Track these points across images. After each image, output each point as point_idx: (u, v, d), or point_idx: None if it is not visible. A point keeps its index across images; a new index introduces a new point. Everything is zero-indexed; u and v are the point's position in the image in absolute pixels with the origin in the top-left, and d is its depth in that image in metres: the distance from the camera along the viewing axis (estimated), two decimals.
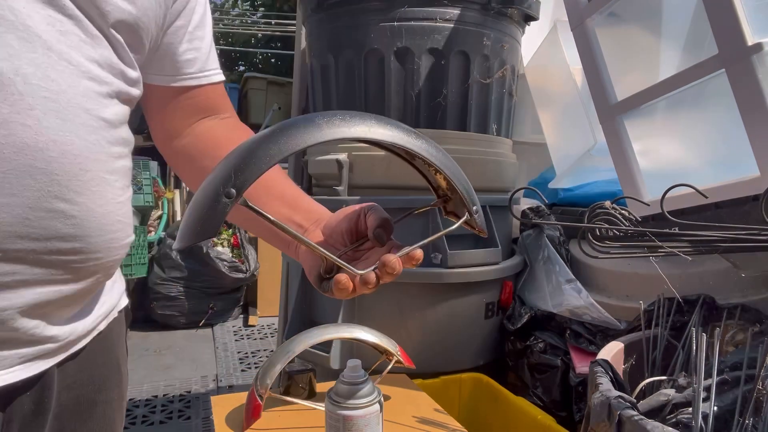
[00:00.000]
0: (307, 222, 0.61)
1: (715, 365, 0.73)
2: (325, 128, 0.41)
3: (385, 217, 0.51)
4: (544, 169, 1.94)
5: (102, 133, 0.52)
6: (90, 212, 0.52)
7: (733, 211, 1.04)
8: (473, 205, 0.51)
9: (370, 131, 0.43)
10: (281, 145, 0.41)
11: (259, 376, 0.97)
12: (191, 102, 0.69)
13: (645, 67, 1.37)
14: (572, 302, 1.32)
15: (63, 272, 0.52)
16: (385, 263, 0.47)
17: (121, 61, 0.55)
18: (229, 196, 0.40)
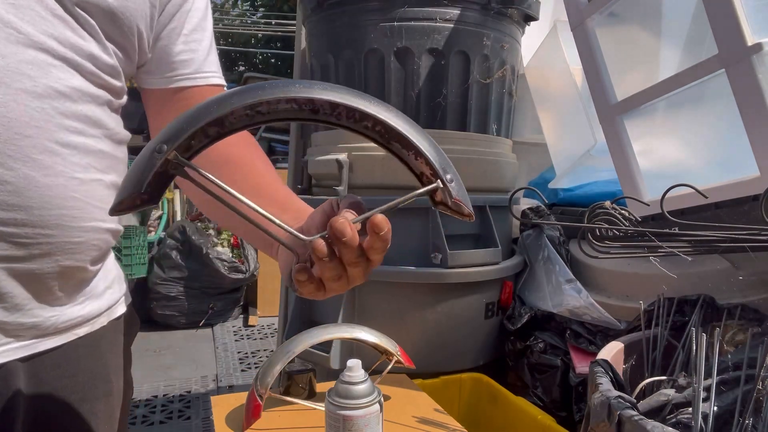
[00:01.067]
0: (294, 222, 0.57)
1: (715, 365, 0.73)
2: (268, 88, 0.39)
3: (356, 201, 0.46)
4: (544, 169, 1.94)
5: (50, 102, 0.51)
6: (30, 180, 0.50)
7: (732, 211, 1.04)
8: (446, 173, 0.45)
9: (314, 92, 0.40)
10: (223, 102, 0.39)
11: (259, 376, 0.97)
12: (188, 104, 0.65)
13: (645, 67, 1.37)
14: (572, 302, 1.32)
15: (9, 246, 0.50)
16: (332, 225, 0.41)
17: (94, 44, 0.54)
18: (160, 151, 0.38)
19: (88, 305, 0.61)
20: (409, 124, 0.43)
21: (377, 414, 0.81)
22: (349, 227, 0.41)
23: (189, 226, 3.51)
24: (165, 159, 0.38)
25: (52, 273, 0.55)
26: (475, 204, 1.42)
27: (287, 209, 0.59)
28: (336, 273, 0.44)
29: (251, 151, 0.67)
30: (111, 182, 0.60)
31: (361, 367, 0.82)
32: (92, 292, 0.62)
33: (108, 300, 0.65)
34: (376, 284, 1.36)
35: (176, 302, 3.43)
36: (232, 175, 0.62)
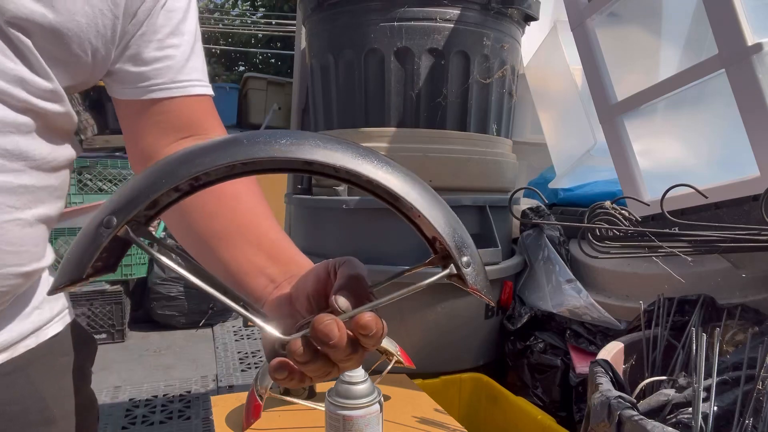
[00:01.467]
0: (281, 276, 0.49)
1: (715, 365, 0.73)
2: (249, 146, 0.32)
3: (356, 274, 0.39)
4: (544, 169, 1.94)
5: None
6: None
7: (732, 211, 1.04)
8: (462, 255, 0.36)
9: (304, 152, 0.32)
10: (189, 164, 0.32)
11: (259, 376, 0.97)
12: (164, 118, 0.59)
13: (645, 67, 1.37)
14: (572, 302, 1.32)
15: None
16: (315, 327, 0.34)
17: (18, 66, 0.48)
18: (108, 226, 0.32)
19: (6, 331, 0.54)
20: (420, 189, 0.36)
21: (377, 414, 0.81)
22: (336, 329, 0.34)
23: None
24: (114, 236, 0.33)
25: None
26: (475, 204, 1.43)
27: (276, 261, 0.51)
28: (322, 372, 0.37)
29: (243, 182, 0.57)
30: (35, 217, 0.53)
31: (361, 367, 0.82)
32: (12, 318, 0.55)
33: (35, 321, 0.57)
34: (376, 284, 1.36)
35: (176, 302, 3.43)
36: (214, 209, 0.54)
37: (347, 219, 1.40)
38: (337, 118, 1.51)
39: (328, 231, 1.46)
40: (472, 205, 1.41)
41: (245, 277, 0.50)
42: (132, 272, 3.35)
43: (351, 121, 1.47)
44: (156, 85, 0.58)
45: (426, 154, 1.37)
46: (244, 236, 0.53)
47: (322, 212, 1.48)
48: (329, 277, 0.41)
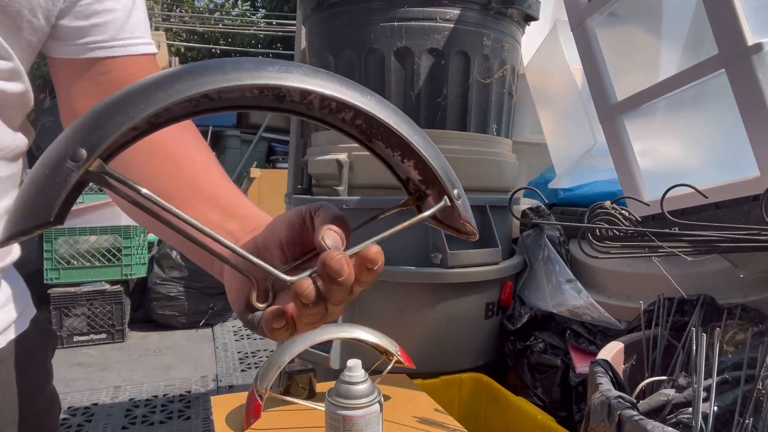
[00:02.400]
0: (241, 231, 0.47)
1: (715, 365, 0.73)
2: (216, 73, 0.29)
3: (339, 215, 0.37)
4: (544, 169, 1.94)
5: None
6: None
7: (732, 211, 1.04)
8: (454, 188, 0.36)
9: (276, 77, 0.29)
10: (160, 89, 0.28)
11: (259, 376, 0.97)
12: (105, 78, 0.55)
13: (645, 67, 1.37)
14: (572, 302, 1.32)
15: None
16: (325, 262, 0.32)
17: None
18: (76, 159, 0.27)
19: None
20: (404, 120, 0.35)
21: (377, 414, 0.81)
22: (346, 264, 0.33)
23: None
24: (85, 171, 0.27)
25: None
26: (474, 204, 1.43)
27: (233, 215, 0.48)
28: (318, 318, 0.36)
29: (188, 138, 0.54)
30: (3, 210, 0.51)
31: (361, 367, 0.82)
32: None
33: (4, 320, 0.56)
34: (376, 284, 1.35)
35: (176, 302, 3.43)
36: (163, 168, 0.51)
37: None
38: None
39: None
40: (472, 205, 1.40)
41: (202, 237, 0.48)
42: (132, 272, 3.35)
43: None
44: (96, 42, 0.53)
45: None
46: (197, 194, 0.50)
47: None
48: (304, 224, 0.39)
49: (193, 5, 10.34)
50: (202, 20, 9.91)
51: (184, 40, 9.61)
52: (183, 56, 9.34)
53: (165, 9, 9.65)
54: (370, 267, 0.35)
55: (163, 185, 0.50)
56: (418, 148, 0.34)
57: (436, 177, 0.36)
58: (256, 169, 4.52)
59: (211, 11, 10.58)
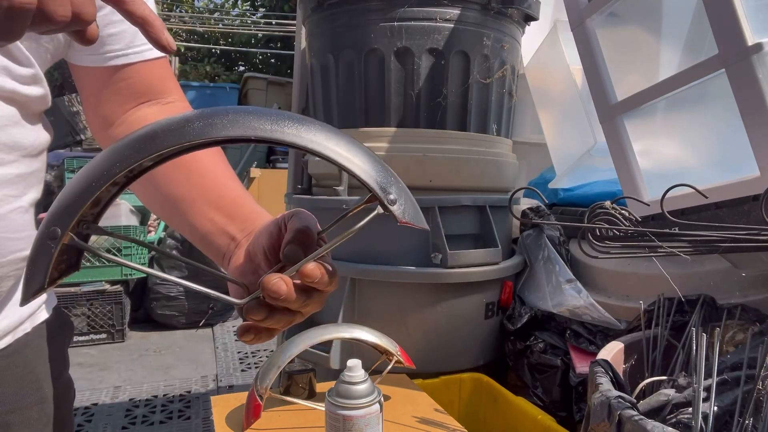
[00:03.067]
0: (241, 233, 0.52)
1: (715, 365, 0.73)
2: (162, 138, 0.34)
3: (302, 228, 0.41)
4: (544, 169, 1.94)
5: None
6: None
7: (732, 211, 1.04)
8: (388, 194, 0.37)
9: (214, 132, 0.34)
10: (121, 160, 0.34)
11: (259, 376, 0.97)
12: (125, 85, 0.60)
13: (645, 67, 1.37)
14: (572, 302, 1.32)
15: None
16: (264, 287, 0.37)
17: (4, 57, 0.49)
18: (53, 237, 0.34)
19: (7, 317, 0.58)
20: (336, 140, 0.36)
21: (377, 414, 0.81)
22: (284, 285, 0.37)
23: None
24: (61, 245, 0.34)
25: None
26: (475, 204, 1.43)
27: (234, 218, 0.53)
28: (286, 322, 0.40)
29: None
30: (30, 202, 0.56)
31: (361, 367, 0.82)
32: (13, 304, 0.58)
33: (30, 306, 0.60)
34: (376, 284, 1.36)
35: (176, 302, 3.43)
36: (175, 174, 0.56)
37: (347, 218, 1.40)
38: (337, 118, 1.51)
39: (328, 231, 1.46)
40: (472, 205, 1.41)
41: (209, 237, 0.52)
42: (132, 272, 3.35)
43: (351, 121, 1.47)
44: (113, 51, 0.57)
45: (426, 154, 1.37)
46: (204, 198, 0.54)
47: (321, 212, 1.48)
48: (281, 232, 0.43)
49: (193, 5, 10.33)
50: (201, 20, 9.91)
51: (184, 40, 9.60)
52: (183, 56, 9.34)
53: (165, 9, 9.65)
54: (310, 281, 0.38)
55: (175, 189, 0.55)
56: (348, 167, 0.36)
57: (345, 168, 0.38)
58: (256, 169, 4.52)
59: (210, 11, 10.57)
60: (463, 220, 1.41)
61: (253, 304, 0.38)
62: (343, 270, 1.37)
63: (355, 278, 1.36)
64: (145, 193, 0.60)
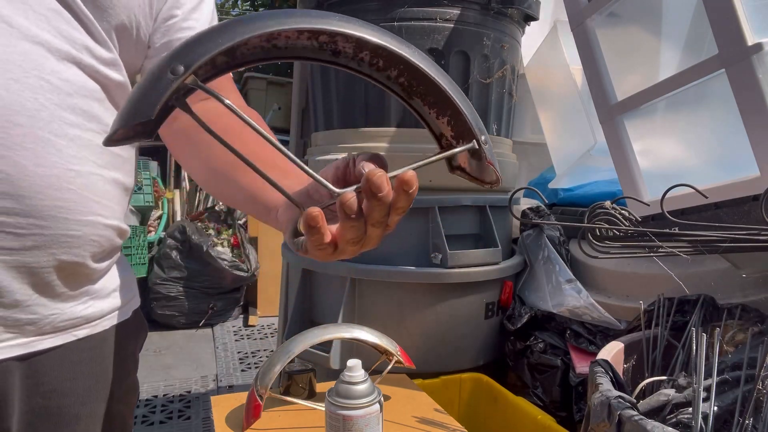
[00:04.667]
0: (296, 186, 0.54)
1: (715, 365, 0.73)
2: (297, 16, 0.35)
3: (378, 156, 0.42)
4: (544, 169, 1.94)
5: (45, 94, 0.51)
6: (21, 169, 0.50)
7: (732, 211, 1.04)
8: (481, 134, 0.40)
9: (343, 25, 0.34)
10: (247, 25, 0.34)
11: (259, 376, 0.97)
12: None
13: (645, 67, 1.37)
14: (572, 302, 1.32)
15: (2, 236, 0.50)
16: (370, 179, 0.37)
17: (87, 36, 0.54)
18: (175, 73, 0.33)
19: (91, 306, 0.60)
20: (443, 76, 0.38)
21: (377, 414, 0.81)
22: (386, 182, 0.37)
23: (189, 226, 3.51)
24: (181, 83, 0.33)
25: (49, 267, 0.54)
26: (475, 204, 1.43)
27: (288, 174, 0.55)
28: (358, 234, 0.40)
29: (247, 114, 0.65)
30: (113, 179, 0.59)
31: (361, 367, 0.82)
32: (97, 294, 0.61)
33: (113, 303, 0.64)
34: (376, 284, 1.36)
35: (176, 302, 3.43)
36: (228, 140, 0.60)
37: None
38: (337, 118, 1.50)
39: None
40: (472, 205, 1.41)
41: (261, 193, 0.54)
42: None
43: (351, 121, 1.47)
44: None
45: (426, 154, 1.37)
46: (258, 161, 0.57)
47: None
48: (348, 167, 0.43)
49: None
50: None
51: None
52: None
53: None
54: (406, 189, 0.38)
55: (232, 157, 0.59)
56: (455, 99, 0.38)
57: (466, 131, 0.40)
58: None
59: None
60: (463, 220, 1.41)
61: (351, 194, 0.38)
62: (343, 270, 1.37)
63: (355, 278, 1.36)
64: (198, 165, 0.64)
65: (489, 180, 0.43)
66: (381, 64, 0.37)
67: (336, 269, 1.39)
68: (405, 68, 0.37)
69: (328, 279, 1.44)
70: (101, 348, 0.62)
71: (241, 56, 0.35)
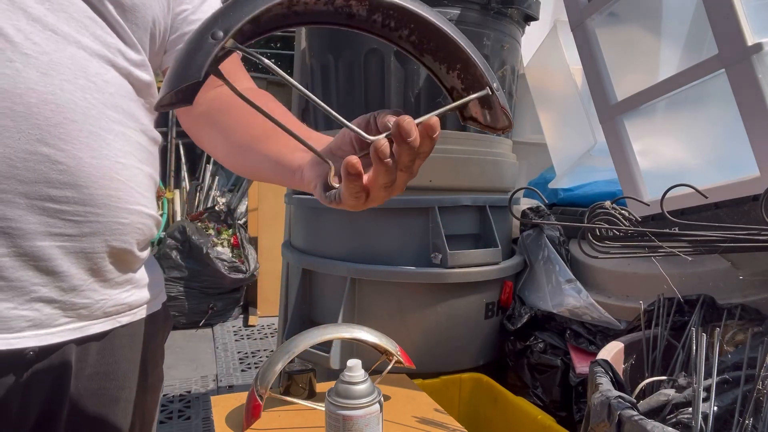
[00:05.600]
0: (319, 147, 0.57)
1: (715, 365, 0.73)
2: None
3: (398, 110, 0.44)
4: (544, 169, 1.94)
5: (93, 93, 0.56)
6: (79, 161, 0.54)
7: (732, 211, 1.04)
8: (493, 81, 0.42)
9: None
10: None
11: (259, 376, 0.97)
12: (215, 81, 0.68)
13: (645, 67, 1.37)
14: (572, 302, 1.32)
15: (63, 223, 0.54)
16: (399, 123, 0.40)
17: (119, 41, 0.59)
18: (215, 38, 0.35)
19: (133, 294, 0.65)
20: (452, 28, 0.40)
21: (377, 414, 0.81)
22: (415, 127, 0.40)
23: (189, 226, 3.51)
24: (222, 46, 0.35)
25: (103, 252, 0.58)
26: (475, 204, 1.43)
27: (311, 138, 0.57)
28: (390, 178, 0.43)
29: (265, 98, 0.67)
30: (148, 174, 0.64)
31: (361, 367, 0.82)
32: (138, 282, 0.66)
33: (147, 294, 0.68)
34: (376, 284, 1.36)
35: (176, 302, 3.42)
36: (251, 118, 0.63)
37: (347, 219, 1.40)
38: None
39: (328, 231, 1.46)
40: (472, 205, 1.41)
41: (284, 157, 0.57)
42: None
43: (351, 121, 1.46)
44: None
45: None
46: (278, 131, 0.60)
47: (322, 212, 1.48)
48: (369, 124, 0.45)
49: None
50: None
51: None
52: None
53: None
54: (430, 134, 0.40)
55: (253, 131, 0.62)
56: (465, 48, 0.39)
57: (476, 81, 0.42)
58: None
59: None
60: (463, 220, 1.41)
61: (383, 141, 0.40)
62: (342, 270, 1.37)
63: (355, 278, 1.36)
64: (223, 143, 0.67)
65: (501, 126, 0.45)
66: (393, 24, 0.38)
67: (336, 269, 1.39)
68: (416, 26, 0.39)
69: (328, 279, 1.45)
70: (138, 335, 0.67)
71: (265, 24, 0.37)
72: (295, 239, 1.62)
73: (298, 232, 1.60)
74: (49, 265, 0.54)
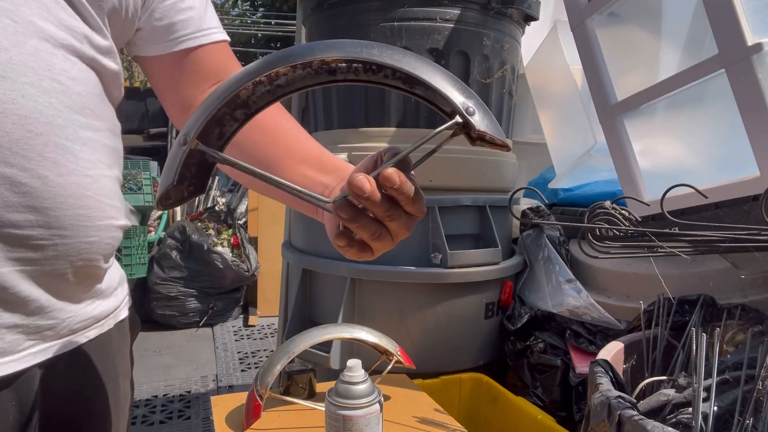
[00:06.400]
0: (334, 181, 0.55)
1: (715, 365, 0.73)
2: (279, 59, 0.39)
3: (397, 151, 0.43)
4: (544, 169, 1.94)
5: (59, 97, 0.49)
6: (44, 181, 0.48)
7: (732, 211, 1.04)
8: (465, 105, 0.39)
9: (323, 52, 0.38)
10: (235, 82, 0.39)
11: (259, 376, 0.97)
12: (197, 67, 0.64)
13: (645, 67, 1.37)
14: (572, 302, 1.32)
15: (24, 249, 0.48)
16: (350, 183, 0.39)
17: (85, 25, 0.53)
18: (184, 143, 0.39)
19: (98, 306, 0.60)
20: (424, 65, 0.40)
21: (377, 414, 0.81)
22: (368, 183, 0.39)
23: (189, 226, 3.51)
24: (189, 150, 0.39)
25: (68, 272, 0.53)
26: (475, 204, 1.43)
27: (325, 170, 0.57)
28: (372, 231, 0.42)
29: (275, 112, 0.64)
30: (115, 177, 0.59)
31: (361, 367, 0.82)
32: (103, 293, 0.61)
33: (114, 302, 0.64)
34: (376, 284, 1.36)
35: (176, 302, 3.42)
36: (261, 138, 0.60)
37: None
38: (337, 118, 1.51)
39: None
40: (472, 205, 1.41)
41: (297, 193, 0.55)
42: (132, 272, 3.35)
43: (351, 121, 1.47)
44: (184, 35, 0.62)
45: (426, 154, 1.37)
46: (293, 157, 0.58)
47: None
48: (375, 164, 0.45)
49: None
50: None
51: None
52: None
53: None
54: (389, 186, 0.39)
55: (263, 152, 0.60)
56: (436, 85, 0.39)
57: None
58: None
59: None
60: (463, 220, 1.41)
61: (342, 202, 0.41)
62: (343, 270, 1.37)
63: (355, 278, 1.36)
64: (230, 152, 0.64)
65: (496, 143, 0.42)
66: (374, 68, 0.39)
67: (336, 269, 1.39)
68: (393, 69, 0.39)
69: (328, 279, 1.45)
70: (107, 347, 0.63)
71: (254, 104, 0.39)
72: (295, 239, 1.62)
73: (298, 232, 1.61)
74: (9, 292, 0.48)
